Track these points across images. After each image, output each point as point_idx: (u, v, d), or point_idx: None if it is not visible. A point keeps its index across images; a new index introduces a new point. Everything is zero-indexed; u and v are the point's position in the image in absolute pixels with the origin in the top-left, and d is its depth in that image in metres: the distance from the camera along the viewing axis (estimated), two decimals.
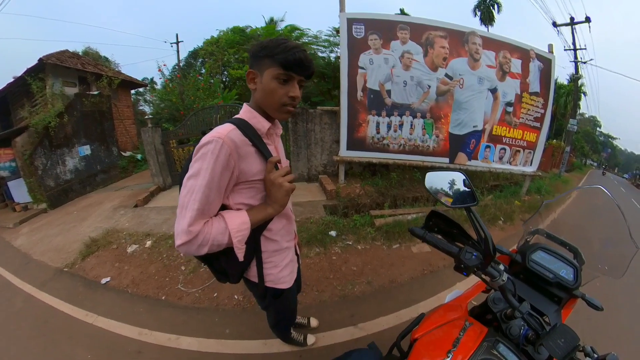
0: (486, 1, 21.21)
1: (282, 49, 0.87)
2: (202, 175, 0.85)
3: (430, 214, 1.02)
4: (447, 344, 0.80)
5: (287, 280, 1.23)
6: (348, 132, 4.63)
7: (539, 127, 5.93)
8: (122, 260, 3.06)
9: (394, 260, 3.25)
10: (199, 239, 0.86)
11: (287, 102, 0.92)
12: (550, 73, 5.74)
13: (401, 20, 4.73)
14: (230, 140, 0.86)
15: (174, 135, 5.66)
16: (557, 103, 18.12)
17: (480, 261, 0.85)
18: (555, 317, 0.95)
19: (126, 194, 5.44)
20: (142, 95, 19.49)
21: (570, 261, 1.05)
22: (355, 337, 2.10)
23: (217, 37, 13.59)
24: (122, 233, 3.58)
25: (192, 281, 2.66)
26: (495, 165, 5.69)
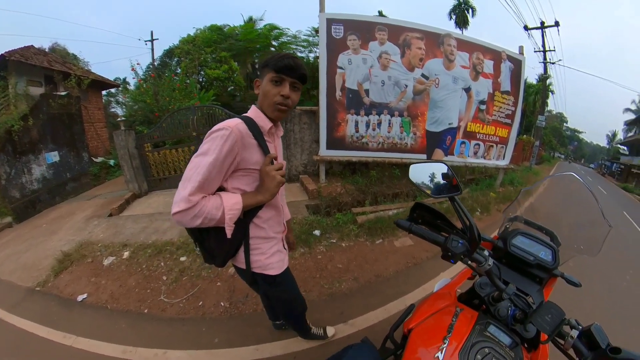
0: (461, 5, 22.59)
1: (275, 58, 1.06)
2: (210, 154, 0.97)
3: (414, 206, 1.06)
4: (442, 330, 0.82)
5: (275, 266, 1.30)
6: (327, 131, 4.66)
7: (510, 124, 6.29)
8: (99, 275, 2.89)
9: (378, 256, 3.31)
10: (196, 209, 0.96)
11: (278, 101, 1.08)
12: (520, 73, 6.11)
13: (379, 21, 4.83)
14: (237, 130, 1.00)
15: (148, 138, 5.42)
16: (527, 101, 19.36)
17: (466, 248, 0.88)
18: (538, 296, 1.00)
19: (99, 203, 5.13)
20: (114, 97, 18.60)
21: (548, 243, 1.11)
22: (347, 334, 2.11)
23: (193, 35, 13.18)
24: (97, 245, 3.38)
25: (175, 291, 2.57)
26: (470, 160, 5.96)
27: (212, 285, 2.62)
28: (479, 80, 5.55)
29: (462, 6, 22.67)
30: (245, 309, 2.35)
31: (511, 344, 0.79)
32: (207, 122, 5.32)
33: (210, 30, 13.23)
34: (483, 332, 0.81)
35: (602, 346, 0.70)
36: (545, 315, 0.74)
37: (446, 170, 1.00)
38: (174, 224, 3.70)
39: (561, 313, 0.75)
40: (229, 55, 11.61)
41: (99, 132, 9.67)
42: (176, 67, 13.73)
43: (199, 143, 3.77)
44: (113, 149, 8.00)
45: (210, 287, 2.59)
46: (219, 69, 11.02)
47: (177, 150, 5.32)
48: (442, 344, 0.77)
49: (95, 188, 6.90)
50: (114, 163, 7.90)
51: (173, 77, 8.73)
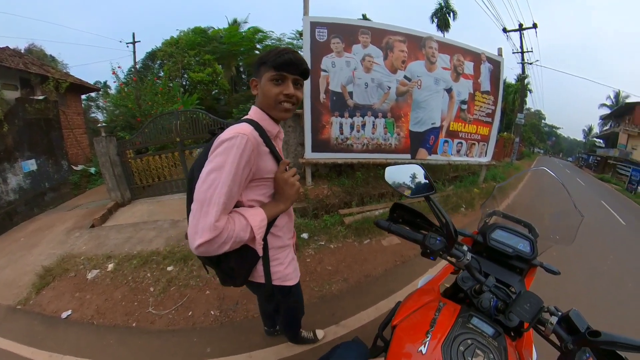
0: (443, 9, 23.27)
1: (273, 54, 0.97)
2: (228, 168, 0.86)
3: (393, 206, 1.09)
4: (425, 325, 0.84)
5: (293, 277, 1.26)
6: (312, 134, 4.66)
7: (491, 122, 6.53)
8: (83, 289, 2.79)
9: (366, 256, 3.36)
10: (223, 235, 0.85)
11: (282, 100, 0.99)
12: (499, 74, 6.36)
13: (363, 25, 4.87)
14: (253, 138, 0.92)
15: (130, 144, 5.28)
16: (506, 100, 20.26)
17: (444, 245, 0.91)
18: (519, 286, 1.04)
19: (80, 214, 4.93)
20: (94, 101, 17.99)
21: (526, 235, 1.16)
22: (339, 335, 2.14)
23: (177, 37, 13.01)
24: (80, 258, 3.26)
25: (164, 302, 2.52)
26: (453, 158, 6.13)
27: (201, 294, 2.59)
28: (460, 81, 5.72)
29: (443, 10, 23.33)
30: (236, 316, 2.34)
31: (494, 333, 0.81)
32: (190, 127, 5.22)
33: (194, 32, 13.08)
34: (466, 325, 0.83)
35: (582, 330, 0.72)
36: (524, 305, 0.76)
37: (420, 171, 1.02)
38: (159, 233, 3.67)
39: (539, 301, 0.77)
40: (213, 59, 11.50)
41: (79, 138, 9.34)
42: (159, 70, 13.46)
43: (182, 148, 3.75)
44: (94, 156, 7.72)
45: (199, 296, 2.56)
46: (202, 72, 10.91)
47: (160, 157, 5.20)
48: (425, 338, 0.78)
49: (75, 198, 6.64)
50: (95, 171, 7.62)
51: (155, 80, 8.56)
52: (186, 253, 3.11)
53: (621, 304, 3.37)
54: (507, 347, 0.79)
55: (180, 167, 5.22)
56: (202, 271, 2.83)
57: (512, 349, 0.82)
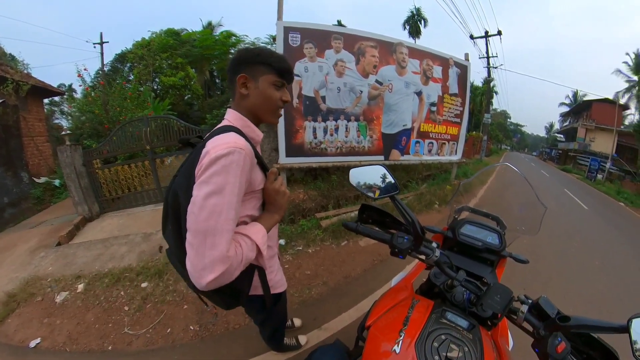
0: (414, 17, 24.64)
1: (276, 58, 0.95)
2: (229, 190, 0.77)
3: (362, 207, 1.10)
4: (398, 323, 0.83)
5: (282, 283, 1.28)
6: (286, 139, 4.68)
7: (460, 122, 6.90)
8: (52, 314, 2.58)
9: (344, 257, 3.40)
10: (234, 263, 0.79)
11: (280, 106, 1.01)
12: (467, 77, 6.78)
13: (335, 30, 4.97)
14: (250, 151, 0.84)
15: (97, 153, 4.98)
16: (474, 102, 21.80)
17: (411, 243, 0.92)
18: (491, 277, 1.06)
19: (45, 231, 4.56)
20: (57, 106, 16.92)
21: (494, 228, 1.19)
22: (322, 339, 2.15)
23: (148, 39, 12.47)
24: (47, 280, 3.03)
25: (140, 321, 2.41)
26: (425, 158, 6.40)
27: (179, 309, 2.52)
28: (430, 85, 6.00)
29: (415, 17, 24.60)
30: (216, 329, 2.30)
31: (468, 326, 0.82)
32: (162, 134, 5.05)
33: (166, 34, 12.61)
34: (439, 320, 0.83)
35: (552, 316, 0.75)
36: (494, 296, 0.79)
37: (383, 171, 1.04)
38: (131, 248, 3.56)
39: (508, 292, 0.79)
40: (186, 62, 11.19)
41: (41, 147, 8.71)
42: (128, 74, 12.91)
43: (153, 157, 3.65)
44: (58, 167, 7.21)
45: (176, 312, 2.49)
46: (175, 76, 10.59)
47: (130, 166, 4.97)
48: (398, 337, 0.78)
49: (39, 214, 6.12)
50: (59, 183, 7.08)
51: (124, 84, 8.22)
52: (160, 267, 3.01)
53: (589, 281, 3.71)
54: (483, 337, 0.80)
55: (151, 177, 5.02)
56: (178, 285, 2.77)
57: (487, 338, 0.84)
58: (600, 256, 4.68)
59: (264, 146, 5.15)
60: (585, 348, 0.75)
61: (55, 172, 7.89)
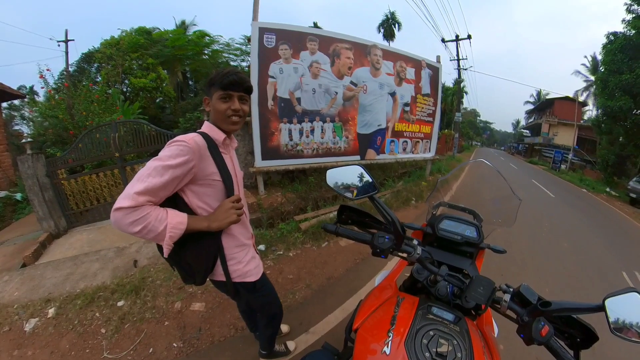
0: (389, 20, 25.69)
1: (220, 76, 1.12)
2: (164, 160, 0.99)
3: (340, 208, 1.11)
4: (386, 323, 0.83)
5: (254, 273, 1.35)
6: (261, 141, 4.64)
7: (432, 121, 7.20)
8: (22, 345, 2.33)
9: (326, 259, 3.40)
10: (139, 213, 0.95)
11: (230, 114, 1.15)
12: (438, 78, 7.09)
13: (311, 32, 4.99)
14: (194, 142, 1.05)
15: (62, 162, 4.58)
16: (446, 101, 22.95)
17: (392, 242, 0.93)
18: (472, 269, 1.09)
19: (7, 251, 4.09)
20: (18, 110, 15.79)
21: (472, 222, 1.22)
22: (310, 343, 2.12)
23: (118, 37, 11.74)
24: (13, 307, 2.75)
25: (119, 343, 2.23)
26: (400, 156, 6.62)
27: (160, 326, 2.38)
28: (403, 86, 6.21)
29: (389, 21, 25.59)
30: (201, 344, 2.19)
31: (455, 319, 0.84)
32: (132, 139, 4.80)
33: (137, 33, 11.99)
34: (426, 316, 0.84)
35: (533, 302, 0.78)
36: (477, 288, 0.80)
37: (361, 172, 1.03)
38: (104, 264, 3.38)
39: (490, 283, 0.81)
40: (157, 63, 10.75)
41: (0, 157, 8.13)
42: (96, 75, 12.22)
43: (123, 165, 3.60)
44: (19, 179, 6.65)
45: (158, 330, 2.35)
46: (145, 78, 10.15)
47: (98, 176, 4.67)
48: (387, 337, 0.77)
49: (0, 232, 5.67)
50: (21, 197, 6.52)
51: (91, 86, 7.77)
52: (137, 283, 2.87)
53: (561, 262, 4.04)
54: (469, 328, 0.83)
55: (121, 186, 4.70)
56: (157, 301, 2.64)
57: (474, 328, 0.87)
58: (568, 238, 5.07)
59: (240, 149, 5.08)
60: (566, 328, 0.82)
61: (16, 185, 7.25)
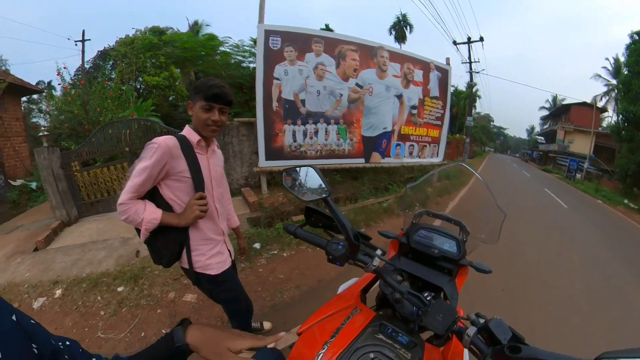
0: (400, 22, 25.40)
1: (205, 87, 1.23)
2: (143, 161, 1.20)
3: (306, 210, 1.06)
4: (327, 334, 0.78)
5: (215, 267, 1.43)
6: (266, 142, 4.70)
7: (441, 125, 7.06)
8: None
9: (319, 261, 3.39)
10: (125, 206, 1.20)
11: (210, 124, 1.28)
12: (447, 80, 6.93)
13: (316, 34, 5.01)
14: (165, 144, 1.20)
15: (76, 155, 4.83)
16: (458, 105, 22.53)
17: (346, 250, 0.85)
18: (450, 287, 0.97)
19: (22, 236, 4.37)
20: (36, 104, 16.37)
21: (452, 235, 1.08)
22: (290, 342, 2.15)
23: (132, 37, 12.11)
24: (24, 286, 2.96)
25: (116, 325, 2.40)
26: (406, 160, 6.53)
27: (153, 313, 2.53)
28: (410, 88, 6.12)
29: (401, 23, 25.33)
30: None
31: (409, 343, 0.76)
32: (144, 135, 4.96)
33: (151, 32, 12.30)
34: (375, 335, 0.77)
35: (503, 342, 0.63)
36: (436, 315, 0.71)
37: (313, 173, 0.98)
38: (109, 252, 3.56)
39: (453, 312, 0.71)
40: (170, 62, 10.97)
41: (18, 148, 8.42)
42: (110, 72, 12.58)
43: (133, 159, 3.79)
44: (35, 169, 7.01)
45: (150, 316, 2.50)
46: (158, 76, 10.37)
47: (109, 169, 4.87)
48: (321, 349, 0.73)
49: (15, 218, 5.89)
50: (36, 186, 6.86)
51: (106, 84, 8.01)
52: (136, 272, 3.01)
53: (569, 277, 3.83)
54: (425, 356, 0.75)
55: None
56: (153, 290, 2.79)
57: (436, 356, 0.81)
58: (579, 252, 4.82)
59: (244, 149, 5.17)
60: None
61: (32, 174, 7.64)
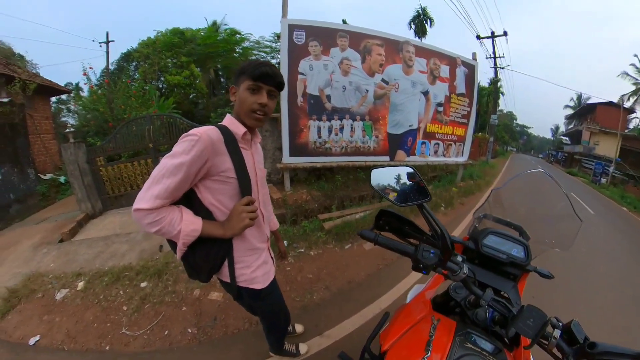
0: (420, 16, 24.48)
1: (252, 66, 1.05)
2: (177, 157, 0.96)
3: (379, 213, 1.01)
4: (420, 349, 0.78)
5: (261, 280, 1.27)
6: (290, 138, 4.62)
7: (467, 123, 6.76)
8: (52, 311, 2.55)
9: (348, 261, 3.30)
10: (156, 215, 0.95)
11: (255, 109, 1.07)
12: (474, 77, 6.62)
13: (341, 28, 4.88)
14: (207, 136, 0.98)
15: (101, 151, 4.96)
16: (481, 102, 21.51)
17: (438, 258, 0.84)
18: (513, 292, 0.98)
19: (49, 227, 4.54)
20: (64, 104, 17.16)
21: (520, 240, 1.08)
22: (324, 347, 2.06)
23: (154, 38, 12.56)
24: (48, 277, 3.00)
25: (138, 322, 2.36)
26: (431, 159, 6.30)
27: (177, 310, 2.46)
28: (436, 84, 5.88)
29: (421, 17, 24.43)
30: (215, 333, 2.23)
31: (494, 350, 0.77)
32: (166, 132, 5.05)
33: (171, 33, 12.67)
34: (464, 344, 0.77)
35: (580, 342, 0.69)
36: (527, 320, 0.72)
37: (412, 174, 0.91)
38: (132, 246, 3.52)
39: (543, 316, 0.72)
40: (190, 61, 11.20)
41: (47, 144, 8.79)
42: (134, 72, 13.00)
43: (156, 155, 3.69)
44: (63, 164, 7.29)
45: (175, 313, 2.43)
46: (179, 75, 10.61)
47: (133, 164, 4.96)
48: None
49: (43, 210, 6.16)
50: (64, 180, 7.16)
51: (129, 83, 8.24)
52: (160, 267, 2.97)
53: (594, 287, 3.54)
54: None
55: None
56: (177, 286, 2.72)
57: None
58: (606, 262, 4.52)
59: (268, 145, 5.09)
60: None
61: (60, 169, 7.97)
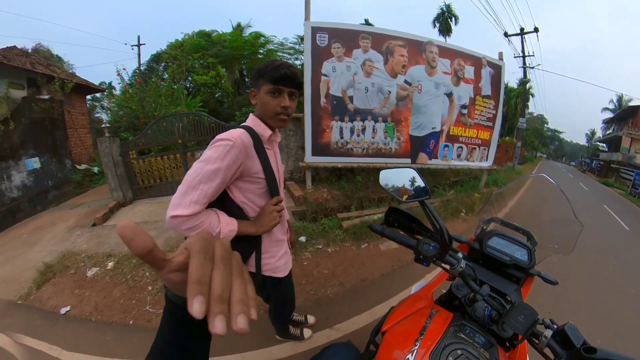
0: (444, 14, 23.72)
1: (270, 68, 1.05)
2: (212, 162, 0.98)
3: (388, 210, 1.08)
4: (415, 332, 0.82)
5: (283, 269, 1.36)
6: (312, 138, 4.69)
7: (492, 126, 6.51)
8: (82, 286, 2.81)
9: (363, 260, 3.34)
10: (195, 220, 0.96)
11: (279, 112, 1.10)
12: (500, 78, 6.35)
13: (363, 30, 4.91)
14: (241, 140, 1.02)
15: (133, 145, 5.32)
16: (508, 104, 20.30)
17: (437, 251, 0.89)
18: (515, 295, 1.01)
19: (82, 212, 4.97)
20: (98, 102, 18.28)
21: (524, 243, 1.12)
22: (332, 339, 2.14)
23: (181, 40, 13.15)
24: (80, 256, 3.28)
25: (161, 301, 2.51)
26: (454, 163, 6.11)
27: None
28: (461, 86, 5.73)
29: (445, 15, 23.74)
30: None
31: (486, 344, 0.80)
32: (193, 129, 5.28)
33: (198, 35, 13.21)
34: (457, 334, 0.81)
35: (577, 345, 0.69)
36: (518, 316, 0.74)
37: (414, 175, 1.01)
38: (159, 233, 3.71)
39: (534, 313, 0.74)
40: (217, 62, 11.59)
41: (83, 138, 9.46)
42: (163, 73, 13.62)
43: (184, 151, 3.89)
44: (97, 156, 7.82)
45: None
46: (206, 75, 11.01)
47: (162, 158, 5.25)
48: (413, 346, 0.77)
49: (78, 196, 6.70)
50: (98, 170, 7.71)
51: (159, 82, 8.66)
52: None
53: (622, 311, 3.23)
54: (500, 358, 0.78)
55: (181, 169, 5.26)
56: None
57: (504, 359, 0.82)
58: (638, 285, 4.09)
59: (291, 144, 5.20)
60: None
61: (94, 161, 8.55)
